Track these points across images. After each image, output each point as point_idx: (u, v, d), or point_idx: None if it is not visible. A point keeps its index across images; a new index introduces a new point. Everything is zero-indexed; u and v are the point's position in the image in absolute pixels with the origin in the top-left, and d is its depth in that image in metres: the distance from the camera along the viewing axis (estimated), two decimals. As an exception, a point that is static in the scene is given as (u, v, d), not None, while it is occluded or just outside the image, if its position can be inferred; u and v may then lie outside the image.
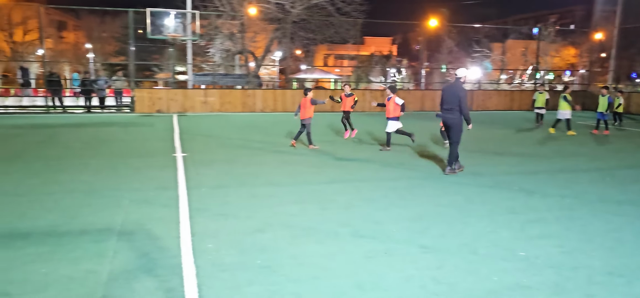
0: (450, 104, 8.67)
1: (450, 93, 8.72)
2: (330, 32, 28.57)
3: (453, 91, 8.68)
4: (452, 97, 8.64)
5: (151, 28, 21.90)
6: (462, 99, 8.55)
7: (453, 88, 8.73)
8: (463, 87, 8.71)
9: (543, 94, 17.82)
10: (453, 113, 8.68)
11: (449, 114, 8.76)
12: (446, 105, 8.77)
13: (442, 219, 6.18)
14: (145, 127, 16.16)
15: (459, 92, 8.58)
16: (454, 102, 8.61)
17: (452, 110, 8.66)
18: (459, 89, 8.64)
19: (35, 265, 4.51)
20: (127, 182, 7.94)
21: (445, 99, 8.79)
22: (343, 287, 4.17)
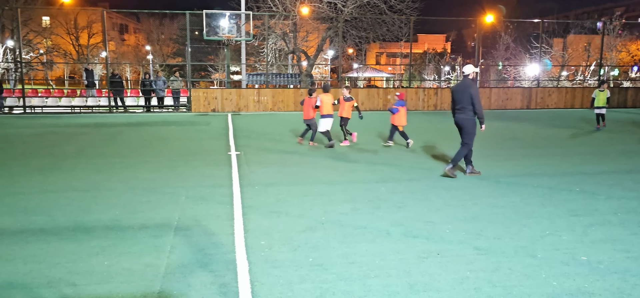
0: (462, 103, 8.29)
1: (461, 92, 8.31)
2: (383, 30, 28.34)
3: (464, 90, 8.26)
4: (464, 96, 8.25)
5: (207, 29, 22.49)
6: (475, 97, 8.16)
7: (464, 86, 8.30)
8: (475, 85, 8.29)
9: (604, 91, 16.00)
10: (465, 113, 8.31)
11: (460, 114, 8.38)
12: (458, 105, 8.38)
13: (498, 221, 6.00)
14: (201, 126, 16.62)
15: (471, 90, 8.18)
16: (466, 102, 8.23)
17: (464, 109, 8.29)
18: (470, 87, 8.23)
19: (99, 257, 4.73)
20: (184, 180, 8.19)
21: (456, 99, 8.40)
22: (395, 287, 4.13)
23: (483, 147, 11.87)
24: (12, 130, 15.27)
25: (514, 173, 8.79)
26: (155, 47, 61.23)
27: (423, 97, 24.38)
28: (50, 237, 5.30)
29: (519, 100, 25.25)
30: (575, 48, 47.97)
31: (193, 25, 24.22)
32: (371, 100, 23.92)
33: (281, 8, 27.76)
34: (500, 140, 13.19)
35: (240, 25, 23.27)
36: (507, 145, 12.20)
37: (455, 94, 8.47)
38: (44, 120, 18.52)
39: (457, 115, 8.48)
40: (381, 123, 16.64)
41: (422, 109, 24.06)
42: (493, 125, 16.72)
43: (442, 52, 68.02)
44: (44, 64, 47.15)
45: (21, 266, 4.51)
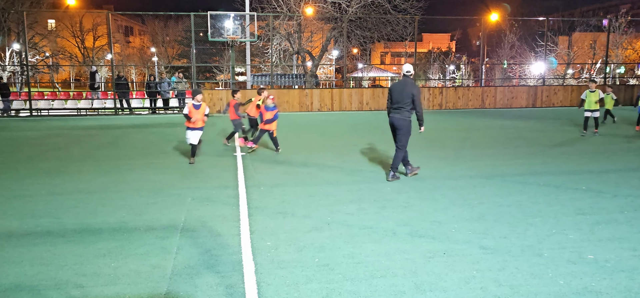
0: (401, 103, 7.89)
1: (401, 91, 7.88)
2: (387, 29, 28.32)
3: (405, 89, 7.85)
4: (404, 96, 7.85)
5: (212, 31, 22.55)
6: (416, 97, 7.82)
7: (405, 85, 7.88)
8: (416, 85, 8.01)
9: (595, 92, 13.49)
10: (402, 113, 7.93)
11: (397, 114, 7.98)
12: (395, 105, 7.97)
13: (505, 220, 5.99)
14: (207, 127, 16.62)
15: (413, 90, 7.82)
16: (406, 101, 7.85)
17: (401, 109, 7.92)
18: (411, 86, 7.87)
19: (106, 259, 4.75)
20: (190, 181, 8.22)
21: (395, 98, 7.94)
22: (401, 287, 4.13)
23: (488, 146, 11.84)
24: (19, 133, 15.35)
25: (520, 172, 8.77)
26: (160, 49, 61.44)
27: (428, 97, 24.34)
28: (57, 239, 5.32)
29: (524, 98, 25.16)
30: (581, 46, 47.78)
31: (198, 26, 24.30)
32: (376, 100, 23.90)
33: (285, 9, 27.81)
34: (505, 139, 13.15)
35: (245, 26, 23.31)
36: (513, 144, 12.16)
37: (394, 93, 8.00)
38: (51, 123, 18.62)
39: (393, 115, 8.07)
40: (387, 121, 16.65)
41: (427, 108, 24.00)
42: (498, 124, 16.68)
43: (447, 51, 67.94)
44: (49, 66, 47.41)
45: (29, 268, 4.54)
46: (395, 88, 8.01)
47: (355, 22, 28.30)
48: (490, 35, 48.21)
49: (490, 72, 50.31)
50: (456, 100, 24.27)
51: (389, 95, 8.09)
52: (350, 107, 23.57)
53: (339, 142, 12.74)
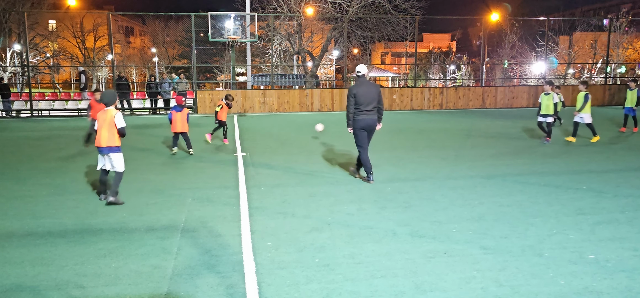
0: (372, 104, 7.83)
1: (369, 93, 7.80)
2: (388, 29, 28.31)
3: (373, 90, 7.87)
4: (374, 97, 7.83)
5: (212, 31, 22.54)
6: (380, 95, 7.94)
7: (370, 86, 7.89)
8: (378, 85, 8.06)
9: (550, 95, 12.01)
10: (374, 114, 7.90)
11: (372, 115, 7.88)
12: (368, 106, 7.80)
13: (505, 220, 5.99)
14: (207, 127, 16.64)
15: (377, 89, 7.92)
16: (375, 102, 7.85)
17: (373, 111, 7.89)
18: (374, 86, 7.99)
19: (106, 259, 4.75)
20: (190, 181, 8.22)
21: (366, 100, 7.77)
22: (401, 287, 4.13)
23: (489, 146, 11.84)
24: (20, 133, 15.37)
25: (521, 172, 8.77)
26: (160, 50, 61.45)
27: (428, 97, 24.34)
28: (58, 239, 5.33)
29: (525, 98, 25.15)
30: (582, 45, 47.74)
31: (198, 27, 24.34)
32: (376, 100, 23.87)
33: (286, 9, 27.81)
34: (506, 138, 13.14)
35: (245, 27, 23.31)
36: (514, 144, 12.15)
37: (363, 96, 7.77)
38: (51, 124, 18.63)
39: (366, 117, 7.84)
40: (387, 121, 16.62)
41: (428, 108, 24.00)
42: (499, 124, 16.67)
43: (448, 51, 67.92)
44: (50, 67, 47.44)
45: (29, 269, 4.54)
46: (365, 91, 7.80)
47: (355, 22, 28.29)
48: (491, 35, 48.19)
49: (491, 72, 50.30)
50: (457, 100, 24.26)
51: (355, 99, 7.78)
52: (351, 107, 23.55)
53: (339, 142, 12.73)
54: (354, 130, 7.97)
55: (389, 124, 16.32)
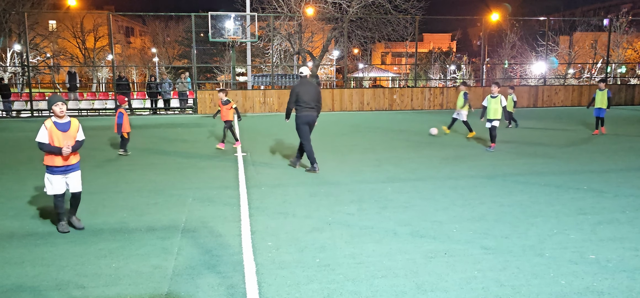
0: (314, 102, 8.73)
1: (313, 92, 8.72)
2: (388, 29, 28.33)
3: (314, 89, 8.75)
4: (316, 96, 8.75)
5: (212, 31, 22.55)
6: (319, 95, 8.84)
7: (313, 86, 8.79)
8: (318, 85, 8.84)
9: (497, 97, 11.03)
10: (314, 110, 8.78)
11: (314, 112, 8.78)
12: (310, 104, 8.69)
13: (506, 220, 5.98)
14: (207, 127, 16.65)
15: (318, 89, 8.85)
16: (317, 100, 8.76)
17: (314, 108, 8.75)
18: (316, 86, 8.87)
19: (107, 259, 4.75)
20: (190, 181, 8.22)
21: (309, 98, 8.66)
22: (402, 287, 4.12)
23: (488, 145, 11.82)
24: (20, 133, 15.36)
25: (521, 172, 8.76)
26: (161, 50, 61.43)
27: (429, 97, 24.34)
28: (58, 240, 5.32)
29: (525, 98, 25.15)
30: (582, 45, 47.73)
31: (198, 27, 24.32)
32: (377, 100, 23.88)
33: (286, 9, 27.81)
34: (506, 138, 13.13)
35: (246, 27, 23.31)
36: (514, 144, 12.14)
37: (306, 94, 8.65)
38: (52, 124, 18.62)
39: (309, 114, 8.72)
40: (388, 121, 16.63)
41: (428, 108, 24.01)
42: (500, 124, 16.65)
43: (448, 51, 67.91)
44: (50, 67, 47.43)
45: (30, 269, 4.54)
46: (306, 90, 8.69)
47: (356, 22, 28.30)
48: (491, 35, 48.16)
49: (491, 72, 50.28)
50: (456, 100, 24.27)
51: (297, 97, 8.67)
52: (351, 107, 23.57)
53: (339, 142, 12.73)
54: (297, 124, 8.83)
55: (390, 124, 16.31)
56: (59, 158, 5.37)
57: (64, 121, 5.45)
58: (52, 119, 5.42)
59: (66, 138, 5.40)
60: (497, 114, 10.92)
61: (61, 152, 5.33)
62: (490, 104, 10.94)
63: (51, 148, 5.31)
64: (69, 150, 5.35)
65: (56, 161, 5.40)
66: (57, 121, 5.40)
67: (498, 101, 10.85)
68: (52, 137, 5.32)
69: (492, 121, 10.98)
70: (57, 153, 5.34)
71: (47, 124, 5.35)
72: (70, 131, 5.46)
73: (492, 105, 10.89)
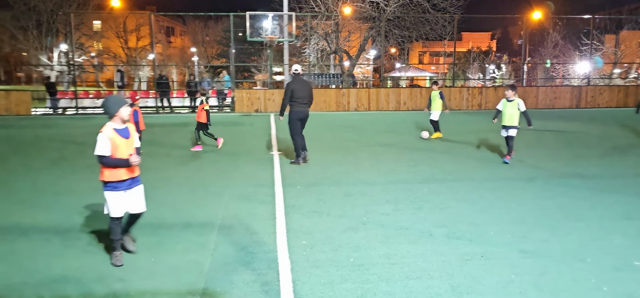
0: (307, 98, 9.31)
1: (306, 88, 9.31)
2: (426, 29, 27.97)
3: (307, 86, 9.37)
4: (309, 92, 9.33)
5: (250, 31, 22.79)
6: (312, 92, 9.44)
7: (306, 83, 9.40)
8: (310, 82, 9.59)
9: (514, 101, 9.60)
10: (307, 106, 9.38)
11: (307, 108, 9.37)
12: (304, 100, 9.31)
13: (546, 223, 5.82)
14: (245, 126, 16.86)
15: (311, 86, 9.48)
16: (310, 96, 9.36)
17: (307, 104, 9.36)
18: (309, 83, 9.49)
19: (146, 254, 4.87)
20: (227, 179, 8.34)
21: (303, 94, 9.26)
22: (437, 289, 4.07)
23: (530, 147, 11.54)
24: (66, 130, 15.93)
25: (562, 175, 8.51)
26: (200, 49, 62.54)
27: (467, 97, 23.93)
28: (99, 233, 5.50)
29: (567, 99, 24.41)
30: (629, 45, 45.96)
31: (237, 26, 24.62)
32: (414, 99, 23.65)
33: (323, 8, 27.85)
34: (547, 140, 12.79)
35: (283, 26, 23.46)
36: (555, 146, 11.81)
37: (300, 91, 9.24)
38: (95, 121, 19.23)
39: (305, 109, 9.35)
40: (425, 121, 16.42)
41: (466, 108, 23.60)
42: (540, 125, 16.23)
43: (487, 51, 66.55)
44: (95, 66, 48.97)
45: (73, 261, 4.70)
46: (301, 87, 9.27)
47: (393, 22, 28.06)
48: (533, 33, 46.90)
49: (532, 72, 49.02)
50: (496, 100, 23.72)
51: (292, 93, 9.22)
52: (388, 107, 23.41)
53: (375, 141, 12.67)
54: (290, 120, 9.38)
55: (426, 124, 16.12)
56: (123, 171, 4.56)
57: (124, 127, 4.66)
58: (111, 125, 4.60)
59: (128, 146, 4.61)
60: (513, 120, 9.56)
61: (128, 164, 4.53)
62: (505, 109, 9.66)
63: (116, 161, 4.49)
64: (138, 159, 4.59)
65: (121, 174, 4.55)
66: (117, 127, 4.60)
67: (515, 106, 9.55)
68: (115, 147, 4.51)
69: (508, 129, 9.62)
70: (123, 166, 4.53)
71: (108, 132, 4.53)
72: (131, 138, 4.69)
73: (507, 109, 9.61)
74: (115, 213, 4.58)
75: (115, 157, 4.48)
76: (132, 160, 4.52)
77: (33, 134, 14.84)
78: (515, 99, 9.59)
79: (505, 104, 9.66)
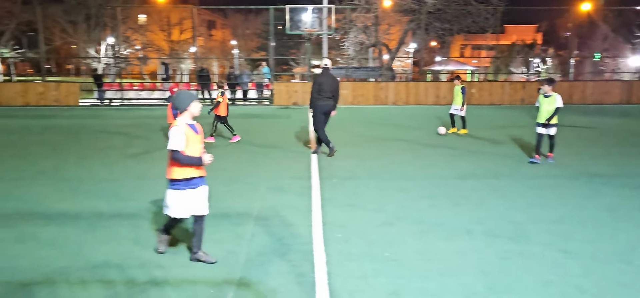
0: (331, 92, 9.41)
1: (331, 83, 9.43)
2: (468, 21, 27.40)
3: (334, 81, 9.50)
4: (333, 86, 9.44)
5: (290, 24, 22.89)
6: (338, 87, 9.59)
7: (332, 78, 9.52)
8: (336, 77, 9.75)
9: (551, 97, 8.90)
10: (332, 100, 9.49)
11: (330, 102, 9.47)
12: (328, 94, 9.40)
13: (590, 223, 5.63)
14: (283, 118, 16.99)
15: (338, 80, 9.64)
16: (334, 90, 9.45)
17: (331, 98, 9.45)
18: (334, 78, 9.59)
19: (185, 242, 4.99)
20: (264, 171, 8.43)
21: (326, 88, 9.38)
22: (473, 287, 4.01)
23: (574, 144, 11.18)
24: (111, 121, 16.45)
25: (610, 173, 8.20)
26: (240, 42, 63.28)
27: (509, 91, 23.33)
28: (141, 221, 5.66)
29: (617, 94, 23.45)
30: (686, 37, 43.66)
31: (277, 19, 24.76)
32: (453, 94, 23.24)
33: (363, 1, 27.67)
34: (595, 136, 12.35)
35: (322, 19, 23.46)
36: (603, 143, 11.38)
37: (325, 84, 9.40)
38: (139, 112, 19.77)
39: (326, 103, 9.45)
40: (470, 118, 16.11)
41: (508, 103, 23.01)
42: (587, 121, 15.69)
43: (532, 44, 64.59)
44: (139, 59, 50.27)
45: (116, 247, 4.86)
46: (326, 81, 9.44)
47: (434, 14, 27.60)
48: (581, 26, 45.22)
49: (580, 66, 47.33)
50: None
51: (318, 87, 9.44)
52: (426, 101, 23.08)
53: (413, 136, 12.54)
54: (315, 113, 9.58)
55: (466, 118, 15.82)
56: (193, 169, 4.35)
57: (194, 122, 4.48)
58: (183, 120, 4.35)
59: (199, 143, 4.44)
60: (551, 118, 8.81)
61: (200, 162, 4.35)
62: (542, 105, 8.93)
63: (189, 159, 4.26)
64: (211, 158, 4.45)
65: (190, 172, 4.35)
66: (189, 122, 4.40)
67: (552, 102, 8.77)
68: (187, 143, 4.28)
69: (549, 128, 8.92)
70: (196, 164, 4.33)
71: (182, 126, 4.30)
72: (201, 134, 4.53)
73: (544, 106, 8.87)
74: (179, 214, 4.39)
75: (187, 154, 4.26)
76: (206, 158, 4.36)
77: (81, 124, 15.39)
78: (552, 94, 8.84)
79: (542, 100, 8.94)
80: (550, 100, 8.82)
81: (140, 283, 4.09)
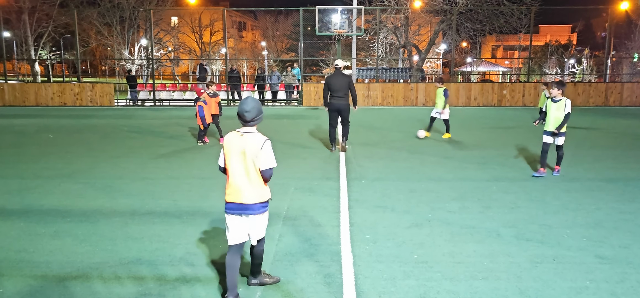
0: (342, 91, 9.96)
1: (340, 82, 9.95)
2: (500, 21, 26.96)
3: (343, 81, 9.98)
4: (343, 86, 9.95)
5: (319, 25, 22.95)
6: (352, 85, 10.11)
7: (342, 78, 9.99)
8: (348, 76, 10.18)
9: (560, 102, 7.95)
10: (345, 99, 10.01)
11: (342, 100, 9.99)
12: (338, 93, 9.95)
13: (626, 228, 5.47)
14: (312, 119, 17.04)
15: (349, 80, 10.06)
16: (345, 90, 9.96)
17: (343, 97, 9.98)
18: (344, 77, 10.02)
19: (214, 240, 5.06)
20: (293, 171, 8.47)
21: (336, 88, 9.94)
22: (504, 291, 3.94)
23: (611, 147, 10.87)
24: (144, 121, 16.80)
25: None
26: (270, 43, 63.83)
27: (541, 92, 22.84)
28: (173, 219, 5.77)
29: (656, 96, 22.70)
30: None
31: (306, 21, 24.88)
32: (485, 95, 22.91)
33: (393, 2, 27.52)
34: (632, 139, 11.98)
35: (352, 20, 23.44)
36: (638, 146, 11.04)
37: (333, 84, 9.98)
38: (171, 112, 20.14)
39: (337, 102, 10.01)
40: (496, 118, 15.89)
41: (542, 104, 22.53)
42: (624, 123, 15.23)
43: (567, 44, 63.09)
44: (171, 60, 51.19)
45: (148, 244, 4.97)
46: (335, 80, 10.00)
47: (465, 14, 27.26)
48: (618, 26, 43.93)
49: (617, 67, 45.94)
50: (575, 96, 22.50)
51: (328, 87, 10.08)
52: (457, 103, 22.82)
53: (442, 137, 12.40)
54: (329, 111, 10.20)
55: (497, 121, 15.59)
56: None
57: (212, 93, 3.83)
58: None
59: None
60: (560, 125, 7.81)
61: None
62: (549, 110, 7.95)
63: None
64: None
65: None
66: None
67: (561, 107, 7.78)
68: None
69: (556, 137, 7.92)
70: None
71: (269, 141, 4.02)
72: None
73: (552, 112, 7.88)
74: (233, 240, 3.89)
75: None
76: None
77: (115, 124, 15.77)
78: (562, 98, 7.84)
79: (550, 105, 7.95)
80: (559, 105, 7.83)
81: (170, 280, 4.17)
